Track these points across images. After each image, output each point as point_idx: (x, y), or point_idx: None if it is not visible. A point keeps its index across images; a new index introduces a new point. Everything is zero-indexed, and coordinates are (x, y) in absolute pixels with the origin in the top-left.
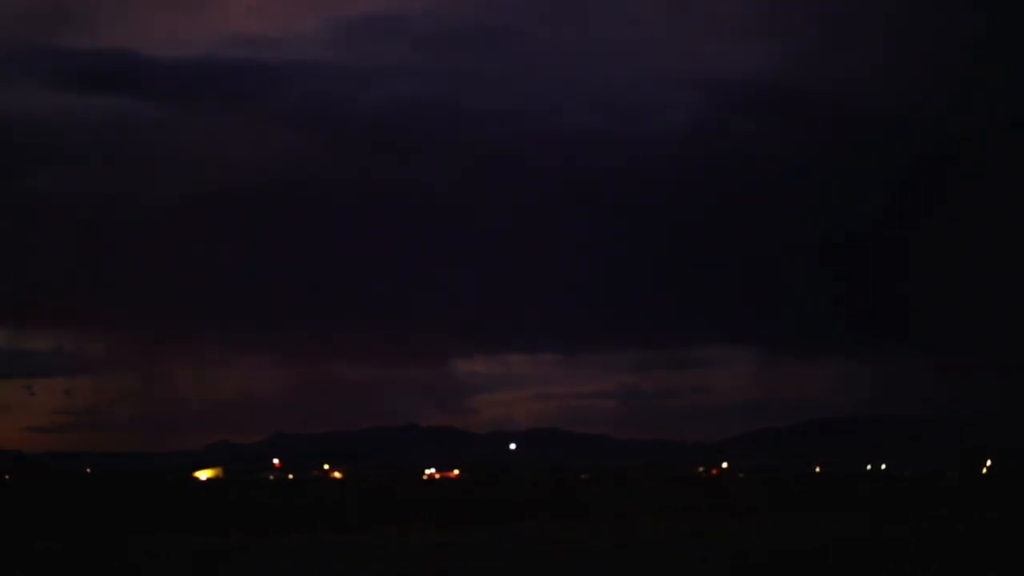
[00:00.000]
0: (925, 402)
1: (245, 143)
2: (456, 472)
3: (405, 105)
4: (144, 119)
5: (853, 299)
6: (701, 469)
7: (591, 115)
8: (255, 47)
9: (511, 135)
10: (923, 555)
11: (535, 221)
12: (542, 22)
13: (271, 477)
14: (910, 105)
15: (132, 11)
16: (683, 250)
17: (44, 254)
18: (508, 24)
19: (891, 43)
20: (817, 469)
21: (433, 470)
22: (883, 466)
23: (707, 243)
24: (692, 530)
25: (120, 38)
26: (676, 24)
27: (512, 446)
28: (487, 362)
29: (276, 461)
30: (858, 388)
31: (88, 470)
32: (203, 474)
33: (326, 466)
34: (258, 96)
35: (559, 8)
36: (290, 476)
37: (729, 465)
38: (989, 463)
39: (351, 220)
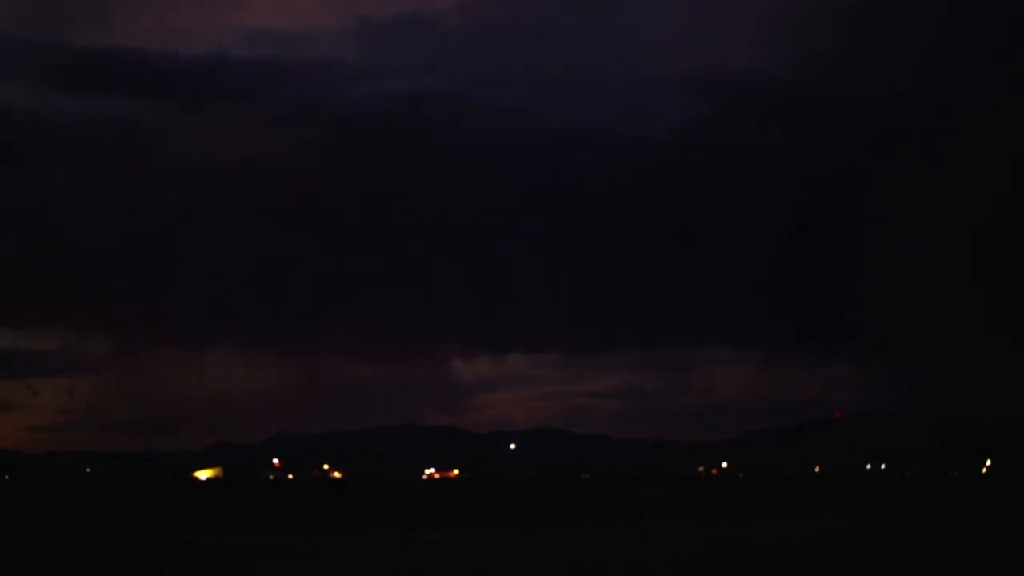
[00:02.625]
0: (927, 402)
1: (246, 142)
2: (456, 472)
3: (409, 102)
4: (147, 118)
5: (853, 299)
6: (701, 469)
7: (593, 113)
8: (273, 44)
9: (511, 133)
10: (908, 555)
11: (535, 220)
12: (560, 22)
13: (271, 477)
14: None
15: (147, 6)
16: (683, 250)
17: (46, 254)
18: (525, 22)
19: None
20: (817, 469)
21: (433, 470)
22: (883, 466)
23: (707, 243)
24: (688, 529)
25: (133, 34)
26: (679, 22)
27: (512, 446)
28: (487, 362)
29: (276, 461)
30: (857, 388)
31: (88, 470)
32: (203, 474)
33: (326, 466)
34: (261, 94)
35: (578, 8)
36: (290, 476)
37: (729, 465)
38: (989, 463)
39: (351, 219)
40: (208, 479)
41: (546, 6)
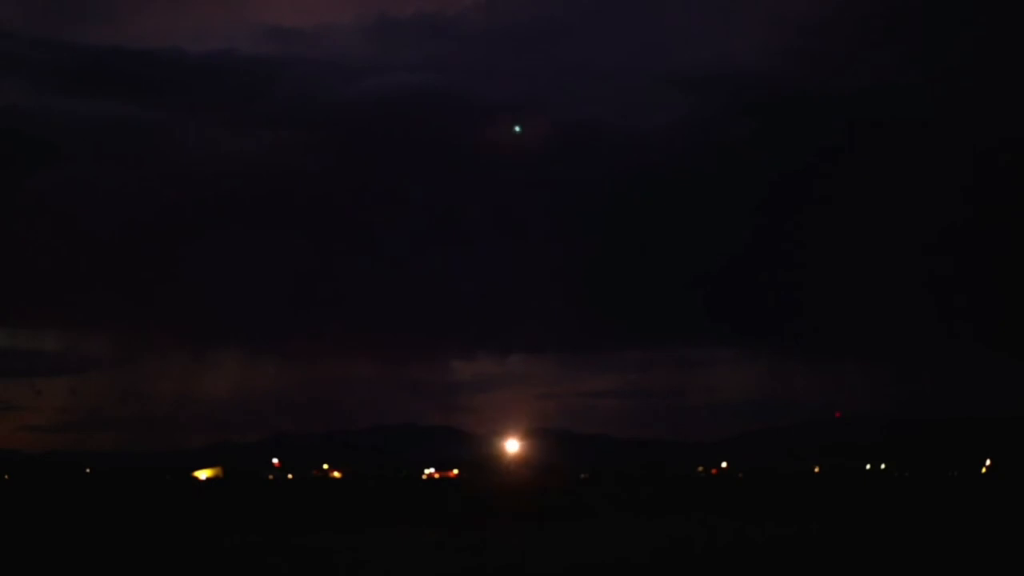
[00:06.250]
0: (925, 403)
1: (249, 140)
2: (455, 472)
3: (413, 99)
4: (150, 116)
5: (851, 299)
6: (701, 469)
7: (598, 111)
8: (286, 41)
9: (510, 132)
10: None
11: (534, 220)
12: (587, 21)
13: (271, 477)
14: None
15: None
16: (683, 250)
17: (45, 254)
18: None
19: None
20: (816, 469)
21: (433, 470)
22: (882, 465)
23: (707, 243)
24: (687, 528)
25: (143, 32)
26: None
27: (512, 446)
28: (487, 362)
29: (276, 461)
30: (858, 389)
31: (88, 470)
32: (203, 474)
33: (326, 466)
34: (266, 92)
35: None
36: (290, 476)
37: (729, 465)
38: (988, 462)
39: (351, 219)
40: (208, 479)
41: (576, 6)
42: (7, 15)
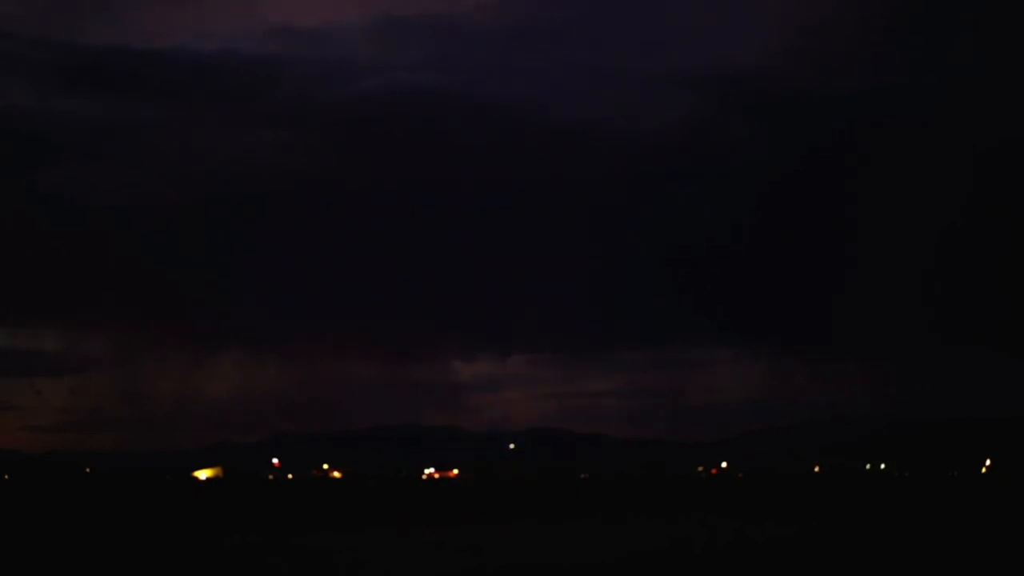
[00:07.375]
0: (925, 404)
1: (250, 140)
2: (456, 472)
3: (412, 99)
4: (150, 117)
5: (850, 299)
6: (701, 469)
7: (598, 111)
8: (285, 41)
9: (513, 130)
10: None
11: (535, 219)
12: (593, 22)
13: (271, 477)
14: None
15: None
16: (683, 249)
17: (46, 254)
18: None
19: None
20: (816, 469)
21: (433, 470)
22: (882, 466)
23: (707, 242)
24: (687, 528)
25: (145, 32)
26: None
27: (512, 446)
28: (487, 362)
29: (276, 461)
30: (857, 389)
31: (88, 470)
32: (203, 474)
33: (326, 466)
34: (266, 92)
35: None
36: (290, 476)
37: (729, 465)
38: (988, 462)
39: (351, 218)
40: (208, 479)
41: (577, 6)
42: (7, 15)
